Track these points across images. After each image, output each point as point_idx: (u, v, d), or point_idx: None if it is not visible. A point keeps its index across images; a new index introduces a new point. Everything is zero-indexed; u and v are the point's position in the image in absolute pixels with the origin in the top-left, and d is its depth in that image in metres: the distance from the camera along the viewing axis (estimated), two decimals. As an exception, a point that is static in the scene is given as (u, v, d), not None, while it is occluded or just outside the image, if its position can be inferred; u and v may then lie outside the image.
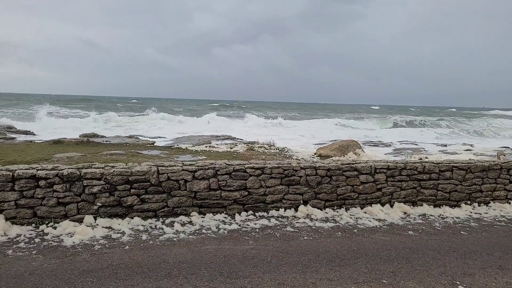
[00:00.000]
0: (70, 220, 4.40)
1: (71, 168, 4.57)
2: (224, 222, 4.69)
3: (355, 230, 4.64)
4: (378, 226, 4.83)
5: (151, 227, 4.46)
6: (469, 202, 5.92)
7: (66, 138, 13.71)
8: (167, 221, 4.65)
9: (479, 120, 42.93)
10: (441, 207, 5.74)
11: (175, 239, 4.13)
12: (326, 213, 5.20)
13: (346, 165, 5.47)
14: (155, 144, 14.23)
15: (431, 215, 5.41)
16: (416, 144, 18.55)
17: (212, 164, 5.02)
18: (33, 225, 4.31)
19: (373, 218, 5.11)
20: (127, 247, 3.85)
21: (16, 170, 4.36)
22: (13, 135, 16.54)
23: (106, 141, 14.24)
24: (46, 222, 4.36)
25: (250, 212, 5.03)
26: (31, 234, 4.09)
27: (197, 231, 4.38)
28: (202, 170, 4.87)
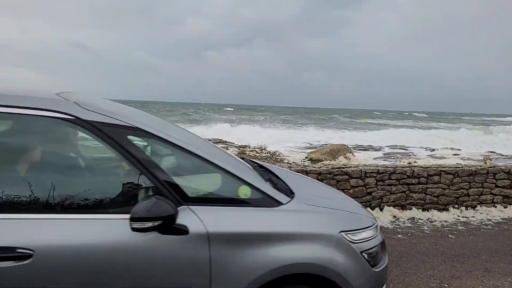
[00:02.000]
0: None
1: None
2: (214, 226, 4.65)
3: (345, 234, 4.65)
4: (368, 230, 4.86)
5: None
6: (456, 206, 6.00)
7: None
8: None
9: None
10: (429, 210, 5.81)
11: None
12: (317, 217, 5.20)
13: (337, 169, 5.49)
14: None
15: (419, 219, 5.46)
16: (405, 149, 18.82)
17: (202, 167, 4.98)
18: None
19: (363, 222, 5.13)
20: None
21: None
22: None
23: (95, 144, 14.02)
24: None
25: (241, 216, 4.99)
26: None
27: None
28: (192, 174, 4.82)
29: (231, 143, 16.58)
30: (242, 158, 2.92)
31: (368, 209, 5.51)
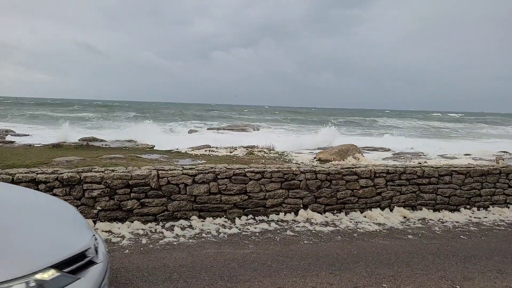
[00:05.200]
0: (69, 224, 4.39)
1: (71, 171, 4.57)
2: (224, 226, 4.69)
3: (355, 234, 4.64)
4: (378, 230, 4.84)
5: (151, 231, 4.45)
6: (468, 206, 5.93)
7: (65, 142, 13.71)
8: (167, 225, 4.64)
9: None
10: (440, 211, 5.75)
11: (175, 243, 4.12)
12: (326, 217, 5.20)
13: (346, 169, 5.48)
14: (154, 148, 14.24)
15: (430, 219, 5.41)
16: (414, 149, 18.59)
17: (212, 168, 5.03)
18: (33, 229, 4.30)
19: (373, 222, 5.11)
20: (127, 251, 3.84)
21: (15, 173, 4.35)
22: (12, 139, 16.53)
23: (106, 145, 14.24)
24: (46, 226, 4.35)
25: (250, 216, 5.03)
26: (30, 238, 4.08)
27: (197, 235, 4.37)
28: (202, 174, 4.88)
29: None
30: None
31: (378, 209, 5.48)
